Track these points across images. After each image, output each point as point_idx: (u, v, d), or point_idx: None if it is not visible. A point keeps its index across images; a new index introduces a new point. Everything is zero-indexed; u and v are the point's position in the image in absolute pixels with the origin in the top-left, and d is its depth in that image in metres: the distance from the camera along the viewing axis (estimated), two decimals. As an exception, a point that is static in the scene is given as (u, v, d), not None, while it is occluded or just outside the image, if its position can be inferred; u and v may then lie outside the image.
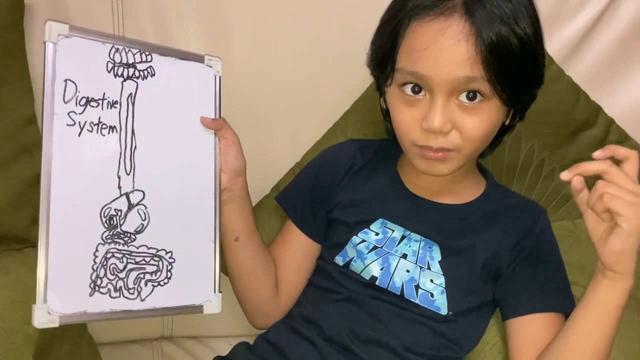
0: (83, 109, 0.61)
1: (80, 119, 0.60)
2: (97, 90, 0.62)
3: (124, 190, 0.64)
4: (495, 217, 0.77)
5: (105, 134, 0.62)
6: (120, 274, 0.63)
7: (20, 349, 0.69)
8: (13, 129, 0.79)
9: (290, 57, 0.97)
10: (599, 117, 0.97)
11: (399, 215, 0.78)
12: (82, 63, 0.61)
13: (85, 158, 0.61)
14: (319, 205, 0.82)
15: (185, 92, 0.69)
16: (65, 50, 0.60)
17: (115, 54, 0.63)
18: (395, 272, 0.75)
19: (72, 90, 0.60)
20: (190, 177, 0.69)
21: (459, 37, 0.63)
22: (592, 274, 0.82)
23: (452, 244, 0.75)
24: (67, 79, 0.60)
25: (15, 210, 0.79)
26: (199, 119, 0.70)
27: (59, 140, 0.59)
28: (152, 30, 0.92)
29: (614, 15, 1.03)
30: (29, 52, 0.82)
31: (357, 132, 0.95)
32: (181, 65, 0.68)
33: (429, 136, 0.67)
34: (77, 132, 0.60)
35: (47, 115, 0.59)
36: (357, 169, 0.82)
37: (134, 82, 0.64)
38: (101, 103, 0.62)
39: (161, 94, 0.66)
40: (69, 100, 0.60)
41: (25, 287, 0.72)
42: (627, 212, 0.57)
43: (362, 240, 0.77)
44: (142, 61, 0.65)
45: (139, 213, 0.65)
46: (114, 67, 0.63)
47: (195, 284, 0.69)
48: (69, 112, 0.60)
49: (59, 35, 0.59)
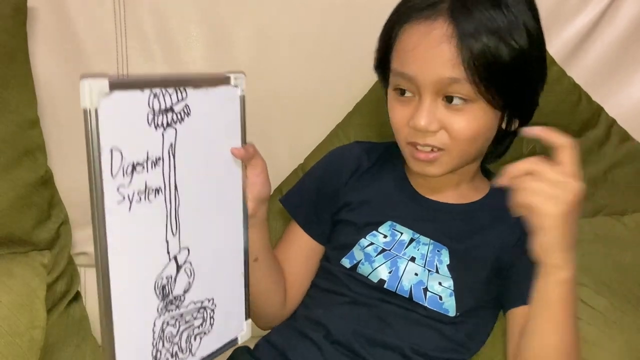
0: (130, 178, 0.52)
1: (128, 191, 0.52)
2: (141, 151, 0.53)
3: (172, 254, 0.58)
4: (501, 215, 0.77)
5: (152, 199, 0.55)
6: (174, 338, 0.60)
7: (26, 353, 0.69)
8: (16, 132, 0.79)
9: (293, 58, 0.97)
10: (601, 117, 0.97)
11: (408, 218, 0.78)
12: (124, 123, 0.51)
13: (137, 232, 0.54)
14: (324, 207, 0.83)
15: (217, 123, 0.61)
16: (107, 113, 0.49)
17: (153, 100, 0.53)
18: (404, 275, 0.75)
19: (118, 160, 0.51)
20: (222, 213, 0.63)
21: (442, 39, 0.66)
22: (593, 274, 0.82)
23: (460, 247, 0.76)
24: (113, 147, 0.50)
25: (19, 212, 0.79)
26: (227, 148, 0.62)
27: (112, 223, 0.51)
28: (153, 32, 0.92)
29: (614, 15, 1.03)
30: (32, 55, 0.82)
31: (359, 134, 0.95)
32: (212, 94, 0.60)
33: (416, 133, 0.70)
34: (127, 207, 0.52)
35: (96, 196, 0.50)
36: (364, 171, 0.83)
37: (173, 130, 0.56)
38: (146, 165, 0.53)
39: (197, 133, 0.58)
40: (116, 173, 0.51)
41: (30, 290, 0.72)
42: (544, 207, 0.59)
43: (370, 243, 0.77)
44: (178, 100, 0.56)
45: (186, 272, 0.60)
46: (154, 117, 0.54)
47: (232, 320, 0.66)
48: (118, 187, 0.51)
49: (99, 96, 0.49)
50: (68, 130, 0.90)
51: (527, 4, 0.69)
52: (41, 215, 0.82)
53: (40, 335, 0.73)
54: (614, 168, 0.96)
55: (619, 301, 0.80)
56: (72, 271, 0.89)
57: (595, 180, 0.95)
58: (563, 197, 0.59)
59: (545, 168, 0.60)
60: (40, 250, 0.82)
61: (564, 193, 0.59)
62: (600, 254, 0.85)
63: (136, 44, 0.91)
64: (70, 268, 0.88)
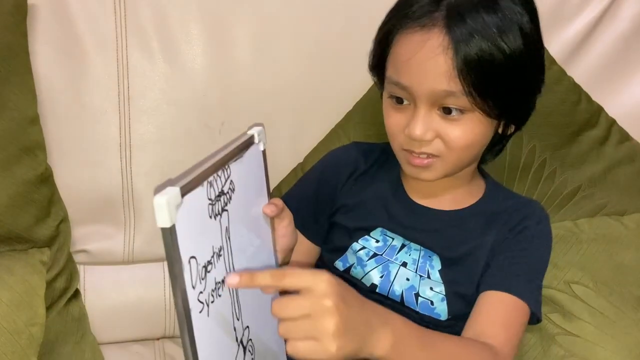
0: (204, 282, 0.48)
1: (205, 297, 0.48)
2: (208, 249, 0.49)
3: (239, 339, 0.54)
4: (494, 219, 0.77)
5: (220, 294, 0.51)
6: None
7: (25, 350, 0.69)
8: (16, 129, 0.79)
9: (292, 57, 0.97)
10: (601, 117, 0.97)
11: (399, 225, 0.78)
12: (195, 226, 0.47)
13: (217, 333, 0.51)
14: (321, 209, 0.83)
15: (250, 187, 0.58)
16: (182, 223, 0.45)
17: (210, 190, 0.49)
18: (395, 280, 0.75)
19: (195, 268, 0.47)
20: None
21: (437, 50, 0.64)
22: (593, 273, 0.82)
23: (451, 254, 0.75)
24: (190, 257, 0.46)
25: (19, 210, 0.79)
26: (258, 206, 0.59)
27: (198, 333, 0.47)
28: (154, 31, 0.92)
29: (615, 15, 1.03)
30: (32, 52, 0.82)
31: (359, 133, 0.95)
32: (245, 161, 0.56)
33: (412, 142, 0.70)
34: (206, 313, 0.49)
35: (182, 312, 0.46)
36: (360, 174, 0.83)
37: (226, 213, 0.52)
38: (213, 262, 0.50)
39: (240, 206, 0.55)
40: (195, 282, 0.47)
41: (30, 288, 0.72)
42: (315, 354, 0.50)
43: (362, 247, 0.77)
44: (226, 180, 0.52)
45: (249, 351, 0.56)
46: (212, 207, 0.50)
47: None
48: (198, 296, 0.48)
49: (175, 209, 0.44)
50: (68, 128, 0.90)
51: (524, 7, 0.67)
52: (41, 212, 0.82)
53: (39, 332, 0.73)
54: (613, 168, 0.96)
55: (619, 301, 0.80)
56: (72, 269, 0.89)
57: (595, 180, 0.95)
58: (323, 330, 0.48)
59: (287, 306, 0.50)
60: (40, 248, 0.82)
61: (321, 322, 0.48)
62: (600, 254, 0.85)
63: (136, 41, 0.91)
64: (69, 266, 0.88)
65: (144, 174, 0.94)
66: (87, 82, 0.90)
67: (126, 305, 0.97)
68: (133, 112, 0.92)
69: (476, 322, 0.71)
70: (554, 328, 0.80)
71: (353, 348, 0.50)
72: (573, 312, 0.80)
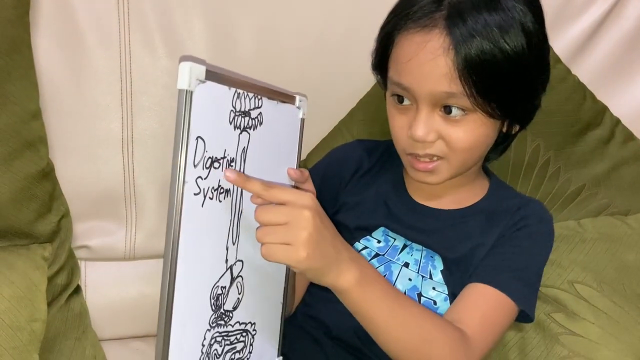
0: (207, 172, 0.51)
1: (204, 185, 0.51)
2: (220, 147, 0.52)
3: (229, 263, 0.56)
4: (495, 218, 0.77)
5: (222, 199, 0.53)
6: (218, 359, 0.57)
7: (26, 346, 0.69)
8: (18, 124, 0.78)
9: (296, 54, 0.96)
10: (605, 116, 0.97)
11: (401, 225, 0.78)
12: (211, 114, 0.51)
13: (205, 231, 0.52)
14: (323, 207, 0.82)
15: (280, 138, 0.60)
16: (199, 100, 0.49)
17: (236, 100, 0.53)
18: (397, 280, 0.75)
19: (201, 151, 0.50)
20: None
21: (438, 51, 0.64)
22: (596, 273, 0.82)
23: (453, 254, 0.75)
24: (199, 136, 0.50)
25: (20, 205, 0.79)
26: (284, 167, 0.62)
27: (187, 211, 0.50)
28: (157, 26, 0.91)
29: (620, 14, 1.03)
30: (34, 47, 0.82)
31: (362, 130, 0.95)
32: (281, 109, 0.59)
33: (415, 144, 0.69)
34: (200, 201, 0.51)
35: (177, 182, 0.49)
36: (364, 172, 0.82)
37: (247, 134, 0.55)
38: (222, 163, 0.53)
39: (265, 144, 0.58)
40: (198, 162, 0.50)
41: (31, 283, 0.72)
42: (287, 258, 0.54)
43: (364, 247, 0.77)
44: (255, 107, 0.55)
45: (237, 287, 0.58)
46: (235, 117, 0.53)
47: (266, 351, 0.64)
48: (197, 178, 0.50)
49: (197, 81, 0.48)
50: (70, 123, 0.90)
51: (528, 6, 0.66)
52: (42, 207, 0.82)
53: (40, 328, 0.72)
54: (618, 167, 0.95)
55: (622, 300, 0.80)
56: (73, 264, 0.89)
57: (599, 180, 0.94)
58: (296, 236, 0.53)
59: (269, 211, 0.53)
60: (41, 243, 0.81)
61: (297, 228, 0.53)
62: (604, 254, 0.85)
63: (139, 36, 0.90)
64: (70, 261, 0.88)
65: (146, 169, 0.93)
66: (90, 77, 0.89)
67: (127, 302, 0.97)
68: (135, 108, 0.91)
69: (454, 310, 0.71)
70: (558, 328, 0.80)
71: (321, 264, 0.54)
72: (576, 312, 0.80)
